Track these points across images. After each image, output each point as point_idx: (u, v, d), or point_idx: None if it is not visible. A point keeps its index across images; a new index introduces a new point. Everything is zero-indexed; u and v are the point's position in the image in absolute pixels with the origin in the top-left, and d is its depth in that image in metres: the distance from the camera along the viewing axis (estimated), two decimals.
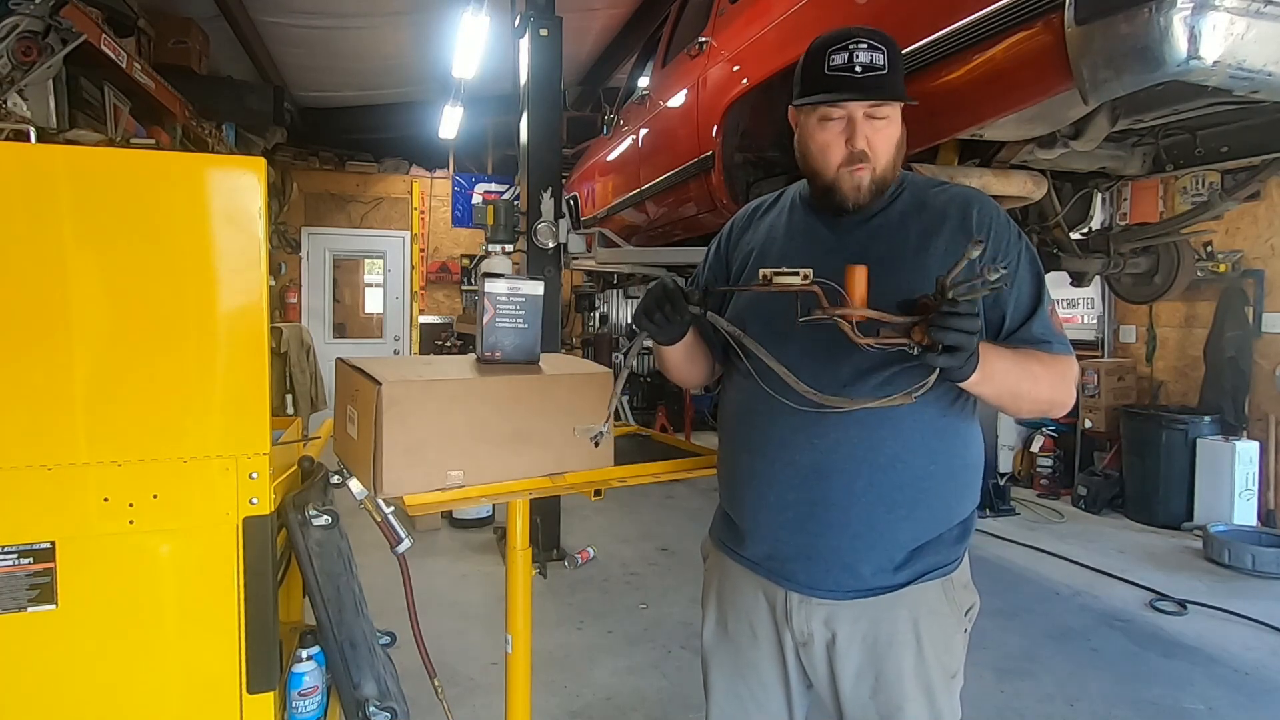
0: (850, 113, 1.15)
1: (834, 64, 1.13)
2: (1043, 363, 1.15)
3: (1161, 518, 4.77)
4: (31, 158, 1.23)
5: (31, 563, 1.18)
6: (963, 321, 0.94)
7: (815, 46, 1.17)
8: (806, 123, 1.21)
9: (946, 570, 1.22)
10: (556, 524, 4.20)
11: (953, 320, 0.94)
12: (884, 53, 1.13)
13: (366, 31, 5.46)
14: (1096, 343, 5.78)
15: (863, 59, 1.13)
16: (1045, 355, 1.16)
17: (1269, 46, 1.39)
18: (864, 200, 1.19)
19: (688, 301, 1.17)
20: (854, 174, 1.17)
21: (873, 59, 1.13)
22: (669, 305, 1.16)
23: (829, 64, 1.14)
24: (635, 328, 1.21)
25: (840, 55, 1.13)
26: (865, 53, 1.13)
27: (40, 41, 2.70)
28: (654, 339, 1.23)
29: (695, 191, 3.46)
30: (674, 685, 2.76)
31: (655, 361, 1.39)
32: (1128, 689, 2.76)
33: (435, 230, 8.30)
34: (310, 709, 1.41)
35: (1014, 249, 1.18)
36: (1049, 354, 1.16)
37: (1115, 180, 2.85)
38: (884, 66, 1.13)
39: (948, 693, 1.21)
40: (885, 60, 1.13)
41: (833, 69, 1.14)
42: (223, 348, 1.26)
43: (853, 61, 1.13)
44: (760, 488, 1.24)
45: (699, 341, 1.33)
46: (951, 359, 0.98)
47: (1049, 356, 1.16)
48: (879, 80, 1.13)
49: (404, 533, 1.42)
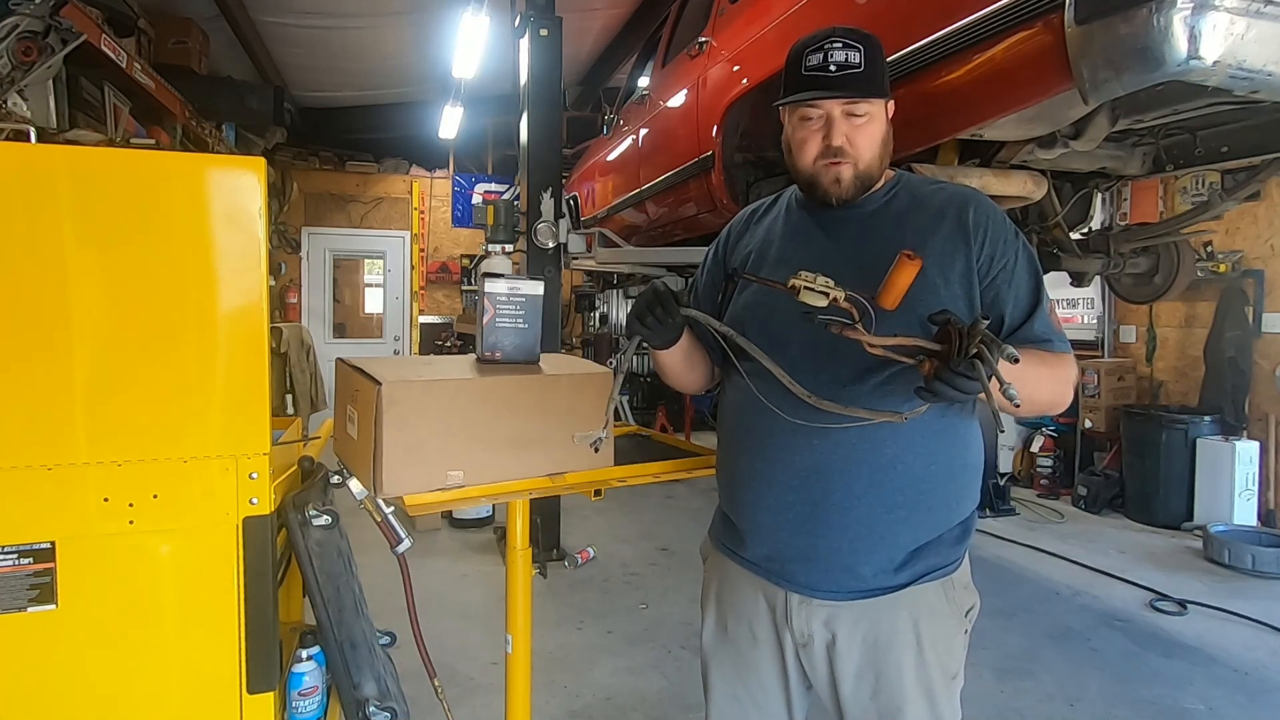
0: (827, 111, 1.17)
1: (810, 64, 1.16)
2: (1048, 365, 1.14)
3: (1161, 518, 4.77)
4: (31, 158, 1.23)
5: (31, 563, 1.18)
6: (968, 385, 0.96)
7: (795, 48, 1.19)
8: (790, 121, 1.23)
9: (947, 571, 1.22)
10: (556, 524, 4.20)
11: (960, 382, 0.95)
12: (860, 51, 1.14)
13: (366, 31, 5.46)
14: (1096, 343, 5.78)
15: (837, 58, 1.14)
16: (1049, 356, 1.16)
17: (1269, 46, 1.39)
18: (846, 194, 1.20)
19: (679, 304, 1.17)
20: (829, 168, 1.19)
21: (848, 57, 1.14)
22: (660, 308, 1.16)
23: (805, 64, 1.16)
24: (629, 333, 1.21)
25: (816, 55, 1.15)
26: (840, 52, 1.14)
27: (40, 41, 2.70)
28: (649, 343, 1.23)
29: (695, 191, 3.46)
30: (674, 685, 2.76)
31: (657, 371, 1.38)
32: (1128, 689, 2.76)
33: (435, 230, 8.30)
34: (310, 709, 1.41)
35: (1011, 248, 1.18)
36: (1051, 353, 1.16)
37: (1115, 180, 2.85)
38: (860, 64, 1.14)
39: (948, 693, 1.21)
40: (862, 58, 1.14)
41: (809, 69, 1.16)
42: (223, 348, 1.26)
43: (828, 61, 1.14)
44: (760, 489, 1.24)
45: (696, 346, 1.33)
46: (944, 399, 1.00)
47: (1052, 357, 1.16)
48: (854, 78, 1.14)
49: (404, 533, 1.42)
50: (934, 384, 0.97)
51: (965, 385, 0.95)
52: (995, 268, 1.17)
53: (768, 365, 1.12)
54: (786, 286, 1.05)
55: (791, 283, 1.05)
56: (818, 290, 1.03)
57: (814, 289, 1.03)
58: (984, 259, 1.16)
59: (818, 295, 1.03)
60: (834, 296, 1.02)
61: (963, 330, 0.95)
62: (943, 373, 0.96)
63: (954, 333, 0.96)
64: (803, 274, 1.05)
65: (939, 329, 0.99)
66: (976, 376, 0.94)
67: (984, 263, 1.16)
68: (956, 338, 0.95)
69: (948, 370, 0.96)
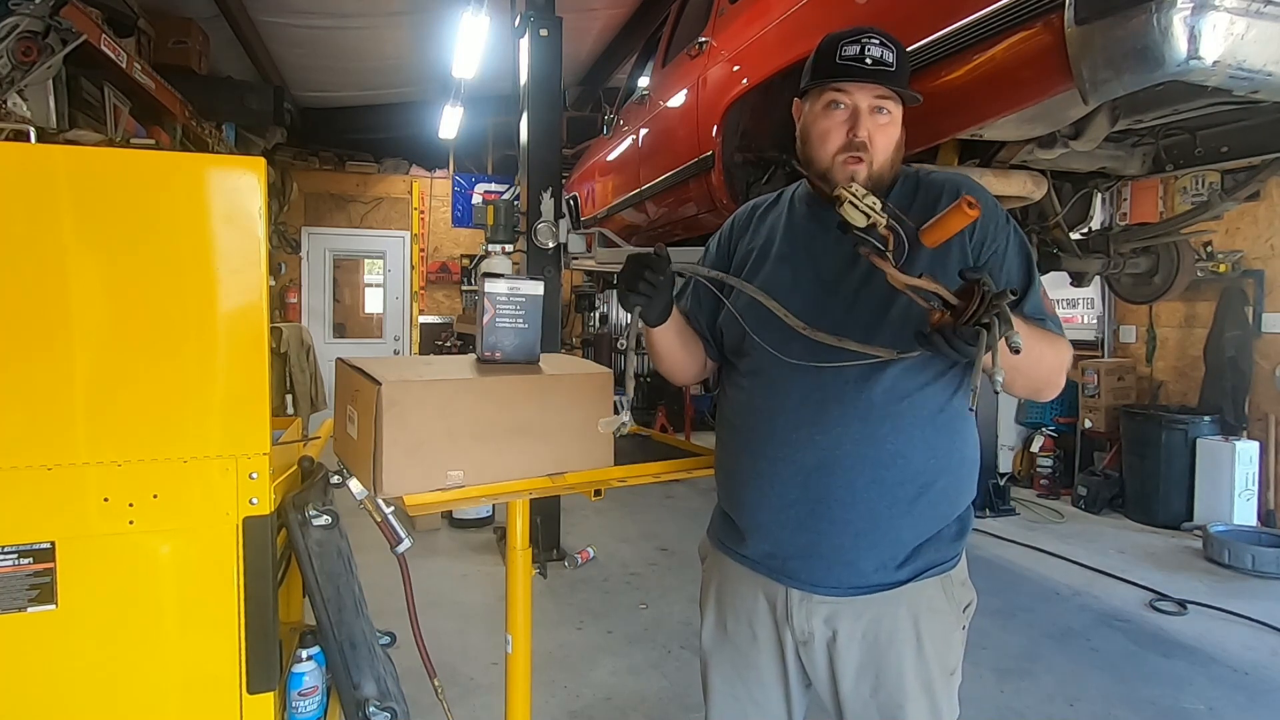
0: (856, 102, 1.17)
1: (846, 54, 1.16)
2: (1048, 342, 1.14)
3: (1161, 518, 4.77)
4: (31, 158, 1.23)
5: (31, 563, 1.18)
6: (964, 349, 0.95)
7: (828, 40, 1.20)
8: (811, 110, 1.22)
9: (946, 567, 1.22)
10: (556, 524, 4.20)
11: (958, 343, 0.94)
12: (894, 52, 1.17)
13: (366, 31, 5.46)
14: (1096, 343, 5.78)
15: (874, 53, 1.16)
16: (1051, 335, 1.15)
17: (1269, 46, 1.39)
18: None
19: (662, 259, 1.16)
20: (847, 164, 1.18)
21: (883, 55, 1.16)
22: (648, 269, 1.16)
23: (841, 54, 1.16)
24: (626, 305, 1.20)
25: (852, 47, 1.16)
26: (877, 48, 1.16)
27: (40, 41, 2.70)
28: (644, 312, 1.22)
29: (695, 191, 3.46)
30: (674, 685, 2.76)
31: (651, 359, 1.38)
32: (1127, 689, 2.76)
33: (435, 230, 8.30)
34: (310, 709, 1.41)
35: (1002, 232, 1.19)
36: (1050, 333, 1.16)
37: (1115, 180, 2.85)
38: (894, 64, 1.16)
39: (947, 690, 1.22)
40: (895, 59, 1.16)
41: (844, 58, 1.16)
42: (223, 348, 1.26)
43: (864, 54, 1.15)
44: (762, 487, 1.24)
45: (687, 325, 1.34)
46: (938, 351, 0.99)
47: (1052, 336, 1.15)
48: (889, 74, 1.16)
49: (404, 533, 1.42)
50: (934, 335, 0.96)
51: (962, 348, 0.94)
52: (986, 252, 1.17)
53: (762, 299, 1.13)
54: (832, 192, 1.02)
55: (838, 191, 1.01)
56: (862, 208, 0.99)
57: (858, 205, 0.99)
58: (975, 243, 1.17)
59: (859, 214, 0.99)
60: (874, 220, 0.99)
61: (986, 294, 0.92)
62: (947, 327, 0.95)
63: (977, 293, 0.93)
64: (855, 185, 1.01)
65: (965, 285, 0.96)
66: (975, 344, 0.93)
67: (975, 247, 1.17)
68: (977, 299, 0.93)
69: (953, 326, 0.94)
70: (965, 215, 0.95)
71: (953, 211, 0.96)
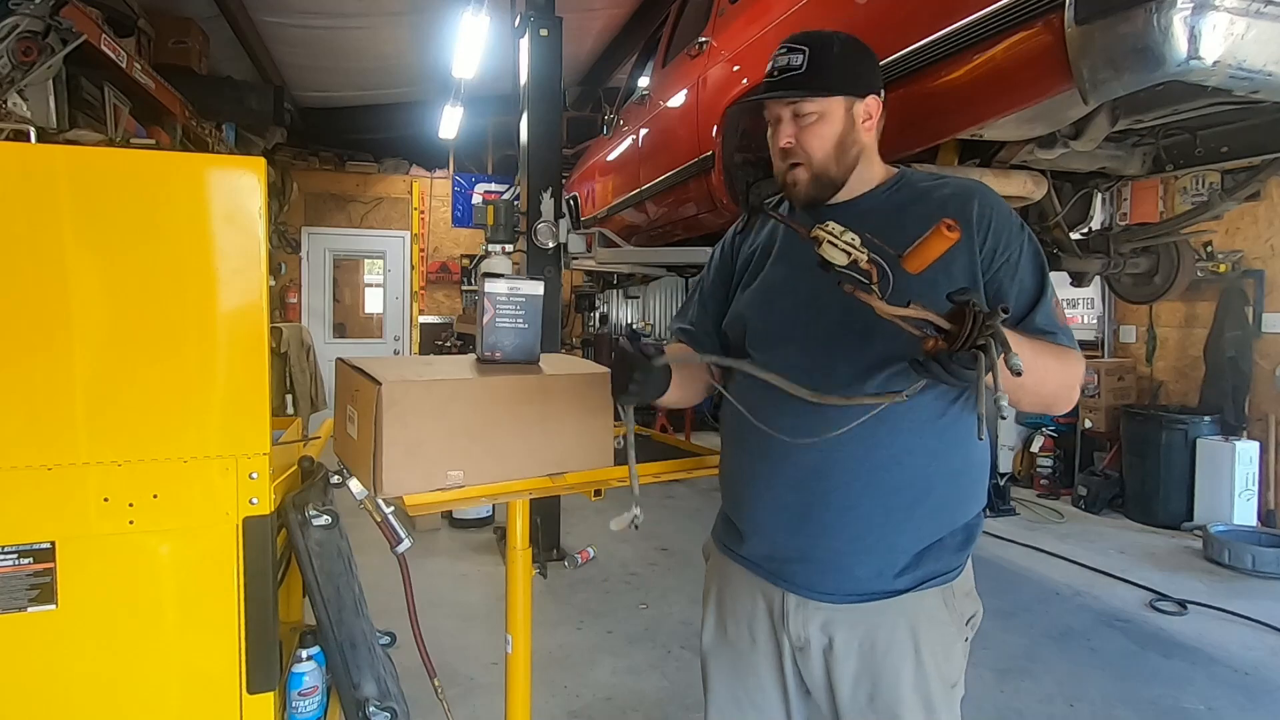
0: (776, 114, 1.22)
1: (767, 72, 1.21)
2: (1056, 357, 1.11)
3: (1161, 518, 4.77)
4: (31, 158, 1.23)
5: (31, 563, 1.18)
6: (963, 374, 0.92)
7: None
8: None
9: (948, 578, 1.19)
10: (556, 524, 4.20)
11: (955, 369, 0.92)
12: (804, 53, 1.17)
13: (366, 31, 5.46)
14: (1096, 343, 5.79)
15: (780, 63, 1.19)
16: (1057, 348, 1.12)
17: (1269, 46, 1.39)
18: (802, 197, 1.23)
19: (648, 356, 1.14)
20: (789, 171, 1.23)
21: (790, 61, 1.18)
22: (636, 370, 1.14)
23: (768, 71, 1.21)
24: (622, 405, 1.23)
25: (770, 63, 1.20)
26: (784, 57, 1.19)
27: (40, 41, 2.71)
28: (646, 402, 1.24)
29: (695, 191, 3.46)
30: (674, 685, 2.76)
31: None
32: (1127, 689, 2.76)
33: (435, 230, 8.30)
34: (310, 709, 1.41)
35: (1016, 240, 1.15)
36: (1059, 345, 1.13)
37: (1115, 180, 2.85)
38: (801, 65, 1.17)
39: (947, 703, 1.19)
40: (805, 59, 1.17)
41: (766, 76, 1.21)
42: (223, 348, 1.26)
43: (774, 67, 1.20)
44: (760, 488, 1.24)
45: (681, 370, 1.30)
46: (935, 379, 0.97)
47: (1061, 350, 1.12)
48: (794, 79, 1.18)
49: (404, 533, 1.42)
50: (929, 362, 0.93)
51: (960, 374, 0.92)
52: (998, 261, 1.14)
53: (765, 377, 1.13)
54: (809, 234, 1.01)
55: (815, 232, 1.00)
56: (840, 246, 0.98)
57: (837, 244, 0.98)
58: (987, 252, 1.14)
59: (839, 252, 0.98)
60: (855, 256, 0.98)
61: (978, 316, 0.89)
62: (942, 354, 0.92)
63: (969, 315, 0.90)
64: (831, 224, 1.00)
65: (955, 308, 0.92)
66: (975, 368, 0.90)
67: (987, 256, 1.14)
68: (970, 322, 0.89)
69: (948, 352, 0.92)
70: (945, 239, 0.93)
71: (932, 235, 0.94)
